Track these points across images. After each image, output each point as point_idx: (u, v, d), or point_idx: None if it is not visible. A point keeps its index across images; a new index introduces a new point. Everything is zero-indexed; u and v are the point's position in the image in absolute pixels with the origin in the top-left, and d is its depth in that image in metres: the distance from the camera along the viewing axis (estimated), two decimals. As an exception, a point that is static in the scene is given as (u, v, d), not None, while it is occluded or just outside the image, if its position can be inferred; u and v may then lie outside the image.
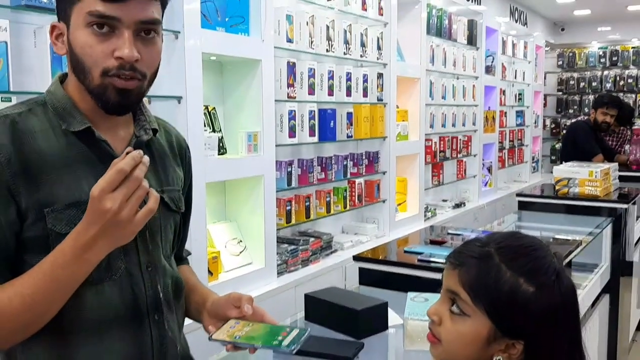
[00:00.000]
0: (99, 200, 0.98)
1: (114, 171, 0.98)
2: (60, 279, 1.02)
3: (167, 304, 1.22)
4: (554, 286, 0.95)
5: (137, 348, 1.15)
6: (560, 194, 3.61)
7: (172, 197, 1.25)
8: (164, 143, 1.29)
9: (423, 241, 2.51)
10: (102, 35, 1.05)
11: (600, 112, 5.19)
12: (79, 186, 1.08)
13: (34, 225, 1.06)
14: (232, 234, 3.17)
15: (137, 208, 1.01)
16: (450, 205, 5.49)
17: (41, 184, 1.06)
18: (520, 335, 0.95)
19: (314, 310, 1.69)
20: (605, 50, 8.79)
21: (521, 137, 7.55)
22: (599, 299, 3.05)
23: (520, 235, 1.04)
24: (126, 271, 1.14)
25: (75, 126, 1.11)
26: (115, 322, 1.12)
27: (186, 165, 1.36)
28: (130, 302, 1.14)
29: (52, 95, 1.14)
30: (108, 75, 1.07)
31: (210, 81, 3.08)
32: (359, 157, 4.10)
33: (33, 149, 1.07)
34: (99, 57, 1.06)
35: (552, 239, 2.61)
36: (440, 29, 5.20)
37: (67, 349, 1.10)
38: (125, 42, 1.05)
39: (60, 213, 1.06)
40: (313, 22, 3.52)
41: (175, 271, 1.28)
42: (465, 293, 0.97)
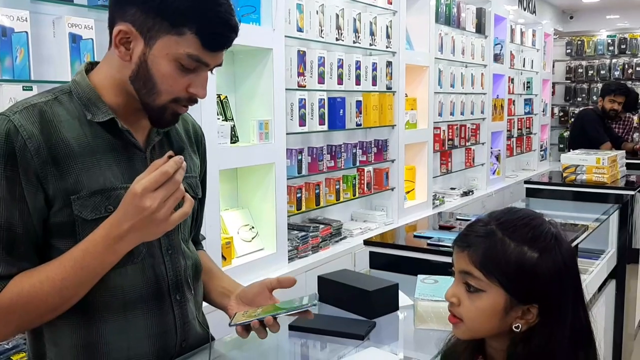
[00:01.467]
0: (140, 197, 1.02)
1: (158, 172, 1.03)
2: (90, 266, 1.07)
3: (188, 285, 1.27)
4: (555, 249, 1.02)
5: (161, 326, 1.21)
6: (567, 181, 3.64)
7: (190, 184, 1.30)
8: (182, 131, 1.33)
9: (432, 227, 2.55)
10: (186, 71, 1.12)
11: (608, 100, 5.20)
12: (103, 174, 1.13)
13: (61, 211, 1.10)
14: (245, 221, 3.23)
15: (173, 209, 1.06)
16: (458, 193, 5.53)
17: (67, 172, 1.10)
18: (533, 300, 1.02)
19: (327, 291, 1.74)
20: (613, 39, 8.75)
21: (529, 125, 7.56)
22: (605, 285, 3.08)
23: (516, 209, 1.10)
24: (148, 254, 1.19)
25: (100, 117, 1.14)
26: (139, 302, 1.18)
27: (202, 152, 1.41)
28: (152, 283, 1.19)
29: (77, 85, 1.17)
30: (175, 102, 1.14)
31: (222, 70, 3.12)
32: (368, 145, 4.14)
33: (60, 138, 1.10)
34: (176, 88, 1.12)
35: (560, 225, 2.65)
36: (449, 17, 5.22)
37: (93, 327, 1.15)
38: (204, 83, 1.14)
39: (85, 200, 1.10)
40: (323, 11, 3.55)
41: (194, 254, 1.34)
42: (478, 271, 1.03)
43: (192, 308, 1.29)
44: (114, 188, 1.13)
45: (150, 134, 1.22)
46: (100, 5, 2.28)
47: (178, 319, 1.24)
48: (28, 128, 1.08)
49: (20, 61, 2.06)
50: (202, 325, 1.35)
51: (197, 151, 1.38)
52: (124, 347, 1.17)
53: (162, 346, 1.22)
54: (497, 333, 1.06)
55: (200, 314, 1.36)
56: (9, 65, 2.03)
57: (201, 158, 1.39)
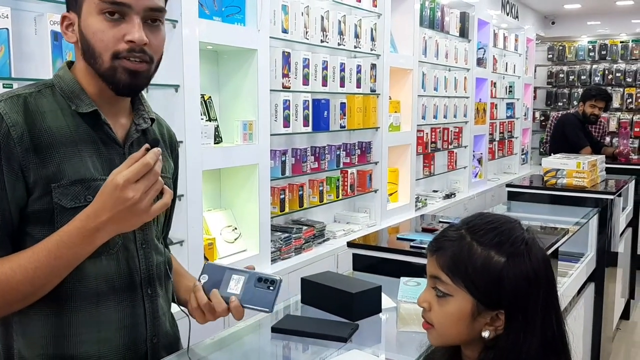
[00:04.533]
0: (122, 188, 1.04)
1: (139, 164, 1.04)
2: (64, 257, 1.08)
3: (159, 281, 1.29)
4: (524, 254, 1.01)
5: (131, 319, 1.22)
6: (548, 184, 3.68)
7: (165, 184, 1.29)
8: (158, 134, 1.36)
9: (414, 229, 2.56)
10: (114, 21, 1.12)
11: (589, 105, 5.28)
12: (84, 165, 1.15)
13: (40, 199, 1.11)
14: (228, 222, 3.21)
15: (153, 200, 1.08)
16: (440, 196, 5.56)
17: (50, 161, 1.11)
18: (500, 305, 1.01)
19: (310, 293, 1.74)
20: (594, 44, 8.87)
21: (511, 129, 7.63)
22: (584, 288, 3.12)
23: (487, 214, 1.10)
24: (123, 246, 1.20)
25: (83, 108, 1.17)
26: (111, 293, 1.19)
27: (175, 156, 1.43)
28: (125, 275, 1.21)
29: (60, 79, 1.20)
30: (118, 58, 1.13)
31: (207, 70, 3.11)
32: (352, 147, 4.15)
33: (43, 127, 1.12)
34: (110, 41, 1.12)
35: (540, 228, 2.68)
36: (433, 20, 5.25)
37: (64, 317, 1.15)
38: (135, 27, 1.12)
39: (66, 188, 1.12)
40: (308, 13, 3.56)
41: (166, 252, 1.36)
42: (445, 274, 1.03)
43: (163, 304, 1.30)
44: (93, 179, 1.15)
45: (130, 131, 1.25)
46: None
47: (148, 313, 1.25)
48: (12, 116, 1.10)
49: (0, 58, 2.03)
50: (171, 323, 1.36)
51: (170, 155, 1.40)
52: (94, 339, 1.17)
53: (132, 339, 1.22)
54: (469, 340, 1.05)
55: (169, 313, 1.37)
56: (-11, 62, 2.00)
57: (174, 162, 1.42)
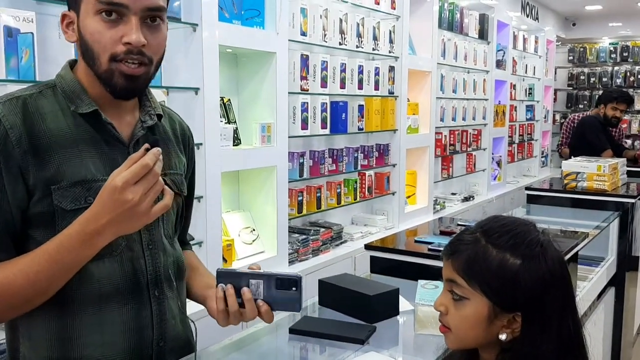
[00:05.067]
0: (121, 190, 1.01)
1: (138, 165, 1.01)
2: (65, 261, 1.06)
3: (168, 282, 1.25)
4: (539, 257, 1.01)
5: (137, 321, 1.19)
6: (568, 188, 3.65)
7: (174, 180, 1.29)
8: (168, 129, 1.32)
9: (432, 232, 2.56)
10: (111, 22, 1.09)
11: (610, 107, 5.21)
12: (84, 166, 1.12)
13: (41, 201, 1.10)
14: (246, 223, 3.24)
15: (153, 202, 1.05)
16: (459, 199, 5.54)
17: (49, 162, 1.10)
18: (516, 308, 1.01)
19: (327, 295, 1.75)
20: (616, 46, 8.77)
21: (531, 131, 7.57)
22: (604, 292, 3.09)
23: (501, 217, 1.10)
24: (127, 248, 1.17)
25: (83, 108, 1.15)
26: (116, 296, 1.16)
27: (189, 151, 1.39)
28: (130, 276, 1.18)
29: (61, 79, 1.18)
30: (116, 60, 1.11)
31: (226, 73, 3.13)
32: (370, 150, 4.15)
33: (42, 129, 1.11)
34: (108, 43, 1.10)
35: (560, 232, 2.66)
36: (451, 23, 5.23)
37: (68, 320, 1.14)
38: (133, 28, 1.09)
39: (66, 190, 1.10)
40: (326, 16, 3.57)
41: (177, 252, 1.31)
42: (461, 278, 1.03)
43: (173, 307, 1.26)
44: (94, 180, 1.12)
45: (135, 129, 1.21)
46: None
47: (155, 316, 1.21)
48: (11, 118, 1.09)
49: (25, 62, 2.07)
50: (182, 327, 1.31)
51: (183, 150, 1.36)
52: (98, 342, 1.15)
53: (137, 342, 1.19)
54: (486, 343, 1.05)
55: (183, 315, 1.32)
56: (14, 65, 2.05)
57: (188, 157, 1.38)
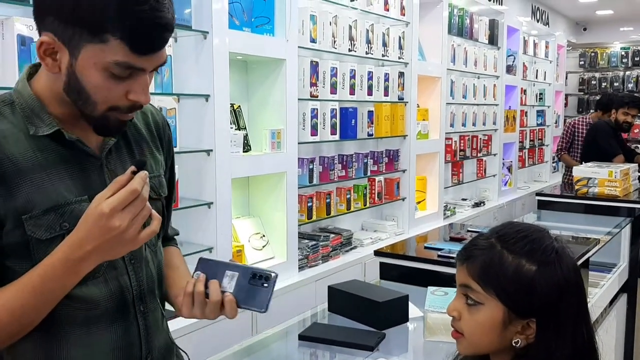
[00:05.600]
0: (108, 217, 0.96)
1: (126, 191, 0.96)
2: (50, 290, 1.01)
3: (152, 294, 1.21)
4: (555, 263, 1.01)
5: (125, 340, 1.15)
6: (579, 193, 3.63)
7: (152, 185, 1.20)
8: (141, 126, 1.24)
9: (442, 238, 2.56)
10: (120, 79, 1.01)
11: (621, 112, 5.18)
12: (55, 190, 1.05)
13: (13, 232, 1.03)
14: (256, 229, 3.25)
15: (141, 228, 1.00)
16: (469, 204, 5.52)
17: (17, 191, 1.02)
18: (531, 314, 1.01)
19: (336, 301, 1.76)
20: (627, 51, 8.73)
21: (542, 136, 7.53)
22: (616, 299, 3.07)
23: (517, 223, 1.10)
24: (110, 266, 1.12)
25: (44, 130, 1.05)
26: (103, 315, 1.12)
27: (166, 144, 1.30)
28: (116, 295, 1.13)
29: (19, 95, 1.08)
30: (115, 110, 1.04)
31: (236, 80, 3.15)
32: (380, 155, 4.15)
33: (5, 154, 1.02)
34: (112, 97, 1.03)
35: (571, 238, 2.65)
36: (461, 28, 5.23)
37: (55, 342, 1.09)
38: (144, 88, 1.03)
39: (38, 219, 1.03)
40: (336, 22, 3.58)
41: (159, 258, 1.26)
42: (476, 283, 1.03)
43: (157, 317, 1.22)
44: (67, 203, 1.06)
45: (105, 138, 1.13)
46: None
47: (142, 331, 1.17)
48: None
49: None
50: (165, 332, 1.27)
51: (159, 145, 1.27)
52: None
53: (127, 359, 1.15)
54: (499, 349, 1.04)
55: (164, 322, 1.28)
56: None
57: (165, 151, 1.30)
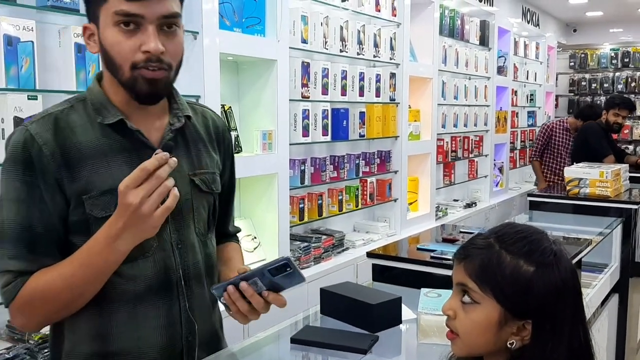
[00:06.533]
0: (123, 194, 1.08)
1: (138, 169, 1.07)
2: (94, 264, 1.14)
3: (197, 280, 1.30)
4: (553, 265, 1.00)
5: (167, 318, 1.25)
6: (571, 194, 3.63)
7: (204, 180, 1.32)
8: (200, 128, 1.35)
9: (434, 239, 2.55)
10: (129, 32, 1.14)
11: (612, 113, 5.20)
12: (113, 174, 1.17)
13: (76, 210, 1.17)
14: (247, 231, 3.22)
15: (159, 204, 1.09)
16: (461, 205, 5.52)
17: (80, 174, 1.16)
18: (527, 315, 1.00)
19: (329, 304, 1.74)
20: (617, 52, 8.78)
21: (532, 137, 7.56)
22: (608, 299, 3.07)
23: (516, 224, 1.09)
24: (159, 248, 1.23)
25: (109, 119, 1.20)
26: (149, 293, 1.22)
27: (225, 147, 1.42)
28: (162, 275, 1.23)
29: (90, 92, 1.24)
30: (137, 68, 1.15)
31: (227, 80, 3.13)
32: (371, 156, 4.14)
33: (73, 142, 1.17)
34: (128, 52, 1.14)
35: (563, 238, 2.64)
36: (452, 29, 5.23)
37: (106, 317, 1.21)
38: (150, 37, 1.14)
39: (96, 199, 1.17)
40: (327, 23, 3.57)
41: (209, 249, 1.35)
42: (472, 282, 1.02)
43: (202, 303, 1.31)
44: None
45: (164, 133, 1.26)
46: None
47: (183, 312, 1.26)
48: (44, 135, 1.16)
49: (25, 70, 2.07)
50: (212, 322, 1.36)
51: (216, 147, 1.38)
52: (134, 337, 1.22)
53: (169, 338, 1.25)
54: (494, 350, 1.03)
55: (214, 311, 1.37)
56: (14, 74, 2.04)
57: (223, 154, 1.41)
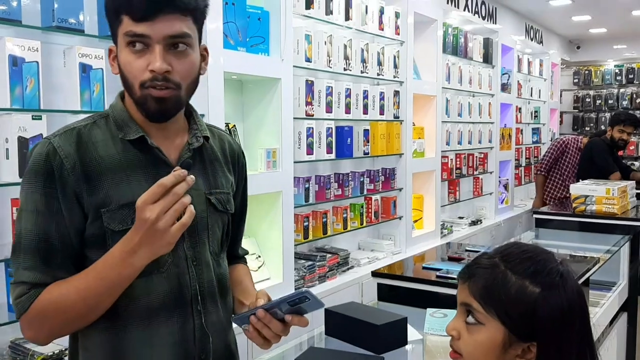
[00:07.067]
0: (140, 210, 1.08)
1: (155, 185, 1.08)
2: (108, 277, 1.14)
3: (211, 298, 1.30)
4: (559, 286, 0.99)
5: (181, 335, 1.25)
6: (577, 211, 3.61)
7: (220, 199, 1.34)
8: (217, 149, 1.38)
9: (440, 258, 2.53)
10: (138, 52, 1.17)
11: (617, 130, 5.18)
12: (131, 189, 1.20)
13: (93, 224, 1.18)
14: (251, 249, 3.19)
15: (175, 221, 1.10)
16: (466, 223, 5.49)
17: (99, 188, 1.19)
18: (532, 338, 0.98)
19: (334, 324, 1.72)
20: (621, 68, 8.77)
21: (537, 154, 7.54)
22: (616, 318, 3.04)
23: (522, 243, 1.08)
24: (173, 264, 1.24)
25: (131, 135, 1.23)
26: (162, 309, 1.23)
27: (239, 170, 1.45)
28: (176, 291, 1.24)
29: (113, 109, 1.28)
30: (145, 87, 1.18)
31: (231, 99, 3.14)
32: (376, 174, 4.13)
33: (94, 156, 1.20)
34: (137, 71, 1.18)
35: (570, 257, 2.62)
36: (456, 47, 5.25)
37: (119, 334, 1.21)
38: (156, 57, 1.16)
39: (114, 213, 1.18)
40: (331, 42, 3.58)
41: (222, 269, 1.36)
42: (477, 302, 1.01)
43: (215, 322, 1.31)
44: None
45: (182, 151, 1.28)
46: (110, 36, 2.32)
47: (197, 329, 1.26)
48: (66, 148, 1.19)
49: (30, 90, 2.08)
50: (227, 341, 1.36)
51: (232, 169, 1.42)
52: (147, 354, 1.22)
53: (183, 355, 1.25)
54: None
55: (228, 330, 1.37)
56: (19, 94, 2.05)
57: (237, 175, 1.44)
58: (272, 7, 3.11)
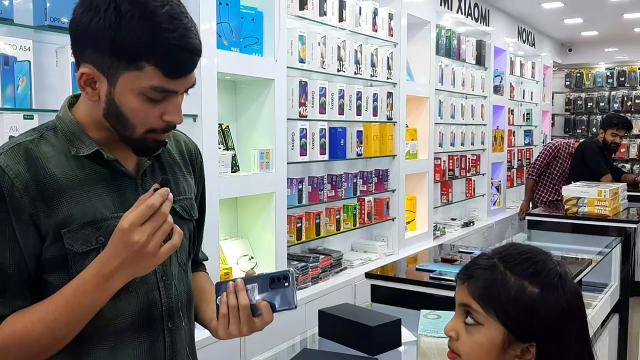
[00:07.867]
0: (128, 232, 1.01)
1: (144, 206, 1.02)
2: (81, 305, 1.06)
3: (180, 313, 1.24)
4: (558, 287, 0.99)
5: (150, 354, 1.18)
6: (569, 213, 3.63)
7: (184, 206, 1.28)
8: (175, 152, 1.31)
9: (433, 259, 2.53)
10: (155, 102, 1.08)
11: (610, 133, 5.20)
12: (93, 206, 1.11)
13: (52, 246, 1.09)
14: (244, 251, 3.20)
15: (162, 242, 1.05)
16: (459, 224, 5.50)
17: (57, 207, 1.09)
18: (531, 338, 0.98)
19: (327, 326, 1.71)
20: (612, 71, 8.83)
21: (529, 156, 7.57)
22: (608, 319, 3.05)
23: (521, 245, 1.08)
24: (142, 281, 1.16)
25: (84, 150, 1.13)
26: (130, 330, 1.15)
27: (198, 170, 1.38)
28: (145, 310, 1.17)
29: (61, 121, 1.16)
30: (152, 132, 1.12)
31: (224, 100, 3.13)
32: (369, 175, 4.13)
33: (47, 174, 1.10)
34: (149, 119, 1.10)
35: (562, 258, 2.63)
36: (449, 49, 5.26)
37: (83, 356, 1.12)
38: (177, 109, 1.11)
39: (76, 233, 1.09)
40: (324, 43, 3.58)
41: (189, 280, 1.30)
42: (476, 303, 1.01)
43: (183, 337, 1.25)
44: (104, 219, 1.12)
45: (141, 160, 1.21)
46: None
47: (168, 348, 1.20)
48: (14, 167, 1.08)
49: (21, 90, 2.06)
50: (194, 356, 1.32)
51: (191, 171, 1.35)
52: None
53: None
54: None
55: (191, 344, 1.32)
56: (10, 93, 2.03)
57: (197, 177, 1.37)
58: (265, 7, 3.11)
